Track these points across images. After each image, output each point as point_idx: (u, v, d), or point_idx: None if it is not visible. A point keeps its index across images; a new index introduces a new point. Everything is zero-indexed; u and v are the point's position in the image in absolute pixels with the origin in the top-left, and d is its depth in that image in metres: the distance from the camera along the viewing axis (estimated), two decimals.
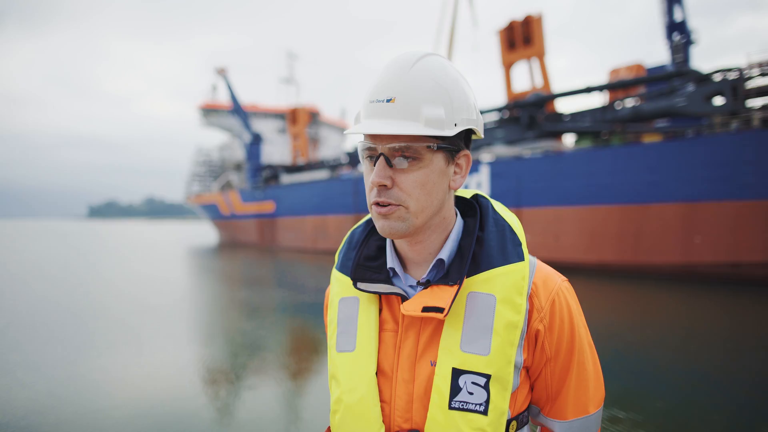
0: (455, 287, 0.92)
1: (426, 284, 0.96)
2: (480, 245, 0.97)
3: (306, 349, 7.95)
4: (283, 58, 46.37)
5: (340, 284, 1.07)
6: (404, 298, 0.96)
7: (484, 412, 0.89)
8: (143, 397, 5.43)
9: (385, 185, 0.90)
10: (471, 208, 1.06)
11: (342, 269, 1.08)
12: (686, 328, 8.56)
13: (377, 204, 0.93)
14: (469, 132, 0.98)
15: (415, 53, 0.92)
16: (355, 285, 1.00)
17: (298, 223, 29.01)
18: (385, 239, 1.06)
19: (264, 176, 35.54)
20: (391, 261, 1.01)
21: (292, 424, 4.93)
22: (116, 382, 5.96)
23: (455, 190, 1.01)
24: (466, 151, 0.97)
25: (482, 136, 1.01)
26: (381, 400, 0.96)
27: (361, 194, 23.61)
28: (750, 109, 14.21)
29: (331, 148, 43.90)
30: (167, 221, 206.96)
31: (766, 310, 10.08)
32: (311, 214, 27.74)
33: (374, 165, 0.92)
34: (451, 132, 0.90)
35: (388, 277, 1.00)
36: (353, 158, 28.75)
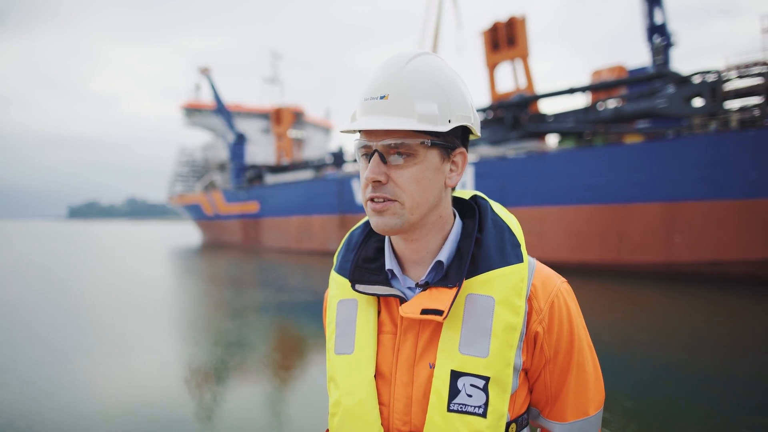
0: (454, 289, 0.91)
1: (425, 286, 0.95)
2: (479, 247, 0.97)
3: (291, 348, 7.91)
4: (267, 58, 46.08)
5: (338, 286, 1.06)
6: (403, 300, 0.96)
7: (483, 415, 0.89)
8: (127, 397, 5.36)
9: (379, 181, 0.90)
10: (470, 210, 1.06)
11: (340, 271, 1.07)
12: (664, 327, 8.68)
13: (372, 200, 0.92)
14: (466, 131, 0.98)
15: (410, 52, 0.93)
16: (353, 287, 0.99)
17: (283, 224, 28.86)
18: (383, 240, 1.06)
19: (248, 176, 35.30)
20: (389, 262, 1.00)
21: (278, 423, 4.89)
22: (98, 382, 5.87)
23: (452, 188, 1.00)
24: (462, 149, 0.97)
25: (479, 135, 1.00)
26: (380, 403, 0.95)
27: (345, 194, 23.58)
28: (728, 111, 14.48)
29: (316, 148, 43.75)
30: (149, 222, 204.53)
31: (744, 308, 10.27)
32: (296, 215, 27.62)
33: (369, 162, 0.92)
34: (444, 128, 0.89)
35: (386, 278, 0.99)
36: (338, 158, 28.71)
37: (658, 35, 21.20)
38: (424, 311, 0.90)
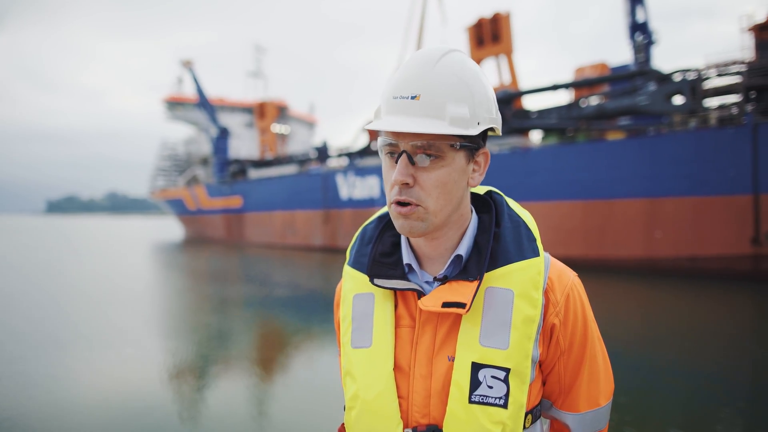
0: (475, 283, 0.93)
1: (443, 280, 0.96)
2: (496, 241, 0.98)
3: (273, 343, 7.87)
4: (251, 52, 45.72)
5: (353, 280, 1.06)
6: (421, 294, 0.96)
7: (504, 406, 0.91)
8: (109, 392, 5.29)
9: (407, 183, 0.90)
10: (485, 204, 1.07)
11: (355, 265, 1.07)
12: (641, 321, 8.82)
13: (398, 203, 0.92)
14: (486, 129, 0.99)
15: (439, 49, 0.92)
16: (372, 281, 1.00)
17: (266, 219, 28.68)
18: (399, 235, 1.06)
19: (231, 171, 34.97)
20: (407, 257, 1.01)
21: (260, 416, 4.87)
22: (79, 377, 5.78)
23: (472, 188, 1.01)
24: (485, 149, 0.98)
25: (500, 134, 1.01)
26: (398, 396, 0.96)
27: (330, 190, 23.50)
28: (707, 109, 14.73)
29: (300, 142, 43.47)
30: (131, 217, 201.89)
31: (720, 302, 10.49)
32: (279, 210, 27.46)
33: (395, 161, 0.91)
34: (474, 131, 0.90)
35: (403, 273, 1.00)
36: (322, 153, 28.58)
37: (640, 33, 21.44)
38: (446, 304, 0.91)
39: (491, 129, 0.98)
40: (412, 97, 0.88)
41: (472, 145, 0.93)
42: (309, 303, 11.26)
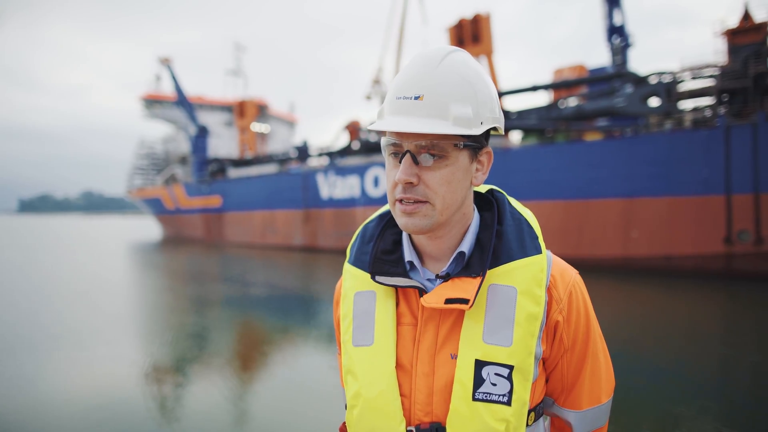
0: (478, 279, 0.93)
1: (446, 277, 0.96)
2: (499, 238, 0.99)
3: (253, 342, 7.80)
4: (231, 51, 45.26)
5: (354, 278, 1.06)
6: (422, 291, 0.96)
7: (508, 403, 0.91)
8: (87, 392, 5.18)
9: (411, 182, 0.90)
10: (487, 203, 1.07)
11: (356, 263, 1.07)
12: (614, 318, 8.96)
13: (401, 201, 0.92)
14: (489, 128, 0.99)
15: (442, 49, 0.92)
16: (373, 278, 0.99)
17: (246, 218, 28.43)
18: (401, 233, 1.06)
19: (210, 170, 34.53)
20: (408, 254, 1.01)
21: (241, 416, 4.82)
22: (54, 378, 5.65)
23: (476, 187, 1.02)
24: (488, 148, 0.99)
25: (503, 133, 1.02)
26: (401, 394, 0.95)
27: (310, 189, 23.39)
28: (682, 111, 15.04)
29: (280, 142, 43.19)
30: (107, 216, 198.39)
31: (692, 300, 10.71)
32: (259, 209, 27.25)
33: (399, 161, 0.92)
34: (478, 131, 0.90)
35: (405, 270, 1.00)
36: (302, 153, 28.43)
37: (617, 36, 21.84)
38: (448, 301, 0.91)
39: (494, 128, 0.99)
40: (416, 98, 0.89)
41: (475, 144, 0.93)
42: (288, 303, 11.20)
